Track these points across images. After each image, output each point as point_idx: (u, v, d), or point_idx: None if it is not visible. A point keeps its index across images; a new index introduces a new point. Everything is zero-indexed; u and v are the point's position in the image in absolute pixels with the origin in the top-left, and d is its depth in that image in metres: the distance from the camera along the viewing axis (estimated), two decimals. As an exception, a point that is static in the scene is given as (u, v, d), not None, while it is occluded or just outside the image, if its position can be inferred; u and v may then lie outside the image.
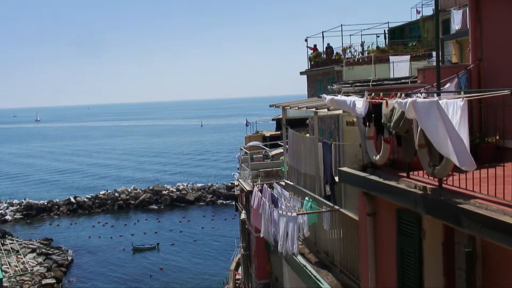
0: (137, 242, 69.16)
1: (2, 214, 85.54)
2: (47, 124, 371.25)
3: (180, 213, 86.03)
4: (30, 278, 54.34)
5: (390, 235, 8.58)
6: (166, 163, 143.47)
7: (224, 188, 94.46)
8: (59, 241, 72.27)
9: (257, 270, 30.16)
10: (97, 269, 61.41)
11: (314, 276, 11.28)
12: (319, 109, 12.62)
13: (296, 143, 14.27)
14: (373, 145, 9.11)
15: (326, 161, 12.55)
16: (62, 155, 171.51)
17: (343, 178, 9.96)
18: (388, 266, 8.75)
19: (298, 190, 14.02)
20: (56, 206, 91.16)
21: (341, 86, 13.51)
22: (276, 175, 29.73)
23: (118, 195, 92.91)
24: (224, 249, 63.99)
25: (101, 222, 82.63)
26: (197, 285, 55.35)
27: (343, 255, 11.11)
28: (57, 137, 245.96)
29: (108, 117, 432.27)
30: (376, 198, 8.91)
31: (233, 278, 42.16)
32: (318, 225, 12.33)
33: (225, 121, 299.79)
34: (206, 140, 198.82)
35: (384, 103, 7.99)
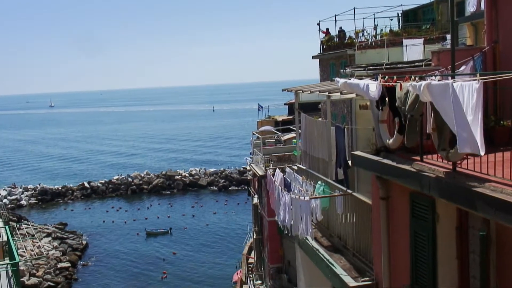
0: (150, 227, 69.75)
1: (17, 199, 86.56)
2: (60, 109, 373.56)
3: (193, 198, 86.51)
4: (45, 262, 55.11)
5: (403, 219, 8.56)
6: (178, 148, 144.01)
7: (236, 173, 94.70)
8: (73, 225, 73.12)
9: (269, 254, 30.31)
10: (111, 253, 62.09)
11: (327, 260, 11.30)
12: (332, 93, 12.54)
13: (309, 127, 14.22)
14: (387, 128, 9.05)
15: (339, 145, 12.50)
16: (75, 141, 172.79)
17: (356, 162, 9.93)
18: (401, 250, 8.74)
19: (310, 174, 14.00)
20: (70, 191, 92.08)
21: (354, 69, 13.40)
22: (288, 160, 29.73)
23: (131, 180, 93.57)
24: (236, 233, 64.35)
25: (114, 207, 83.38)
26: (210, 268, 55.79)
27: (356, 239, 11.11)
28: (70, 122, 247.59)
29: (121, 103, 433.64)
30: (389, 182, 8.87)
31: (246, 262, 42.41)
32: (331, 209, 12.33)
33: (237, 106, 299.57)
34: (219, 125, 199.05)
35: (398, 86, 7.93)
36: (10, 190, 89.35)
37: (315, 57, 30.13)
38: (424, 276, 7.97)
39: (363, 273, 10.37)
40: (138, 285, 52.65)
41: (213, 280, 52.55)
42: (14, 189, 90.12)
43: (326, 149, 12.99)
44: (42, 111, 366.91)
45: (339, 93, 11.94)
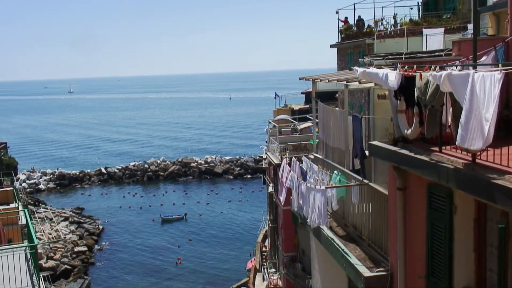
0: (165, 213, 70.29)
1: (36, 183, 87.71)
2: (79, 96, 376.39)
3: (208, 186, 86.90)
4: (63, 245, 55.88)
5: (420, 210, 8.50)
6: (194, 136, 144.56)
7: (252, 161, 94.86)
8: (90, 210, 73.96)
9: (284, 243, 30.37)
10: (127, 238, 62.77)
11: (342, 249, 11.28)
12: (350, 82, 12.45)
13: (326, 116, 14.15)
14: (405, 119, 8.97)
15: (356, 135, 12.43)
16: (93, 126, 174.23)
17: (373, 152, 9.86)
18: (417, 241, 8.69)
19: (327, 164, 13.96)
20: (88, 176, 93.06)
21: (372, 59, 13.29)
22: (304, 149, 29.67)
23: (147, 167, 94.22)
24: (251, 221, 64.60)
25: (131, 193, 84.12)
26: (224, 255, 56.11)
27: (372, 229, 11.06)
28: (88, 108, 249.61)
29: (138, 89, 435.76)
30: (407, 173, 8.80)
31: (260, 250, 42.58)
32: (347, 199, 12.29)
33: (253, 94, 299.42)
34: (235, 113, 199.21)
35: (418, 76, 7.84)
36: (29, 174, 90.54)
37: (333, 46, 29.93)
38: (440, 268, 7.92)
39: (378, 264, 10.34)
40: (153, 271, 53.20)
41: (227, 267, 52.89)
42: (33, 174, 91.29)
43: (343, 139, 12.93)
44: (61, 96, 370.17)
45: (357, 82, 11.85)
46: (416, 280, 8.71)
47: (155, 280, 50.93)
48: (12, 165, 69.99)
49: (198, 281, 50.18)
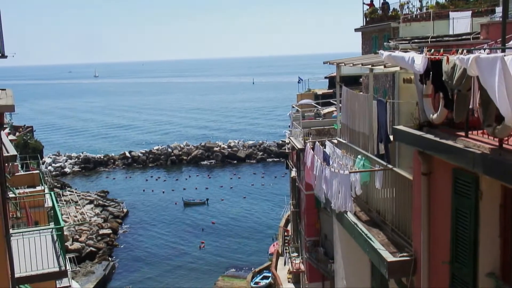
0: (188, 197, 70.89)
1: (61, 166, 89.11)
2: (104, 80, 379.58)
3: (231, 170, 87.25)
4: (88, 228, 56.83)
5: (445, 195, 8.42)
6: (217, 120, 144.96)
7: (275, 145, 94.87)
8: (114, 193, 74.96)
9: (306, 227, 30.42)
10: (150, 221, 63.54)
11: (365, 234, 11.25)
12: (375, 66, 12.32)
13: (350, 101, 14.04)
14: (431, 103, 8.86)
15: (380, 119, 12.32)
16: (117, 111, 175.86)
17: (398, 137, 9.78)
18: (442, 226, 8.62)
19: (350, 148, 13.88)
20: (112, 160, 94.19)
21: (398, 42, 13.13)
22: (327, 134, 29.56)
23: (171, 151, 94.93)
24: (273, 206, 64.81)
25: (154, 177, 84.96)
26: (247, 239, 56.46)
27: (395, 214, 11.00)
28: (113, 93, 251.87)
29: (162, 74, 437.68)
30: (432, 158, 8.72)
31: (283, 234, 42.77)
32: (370, 184, 12.23)
33: (276, 79, 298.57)
34: (258, 98, 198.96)
35: (445, 59, 7.72)
36: (54, 157, 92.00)
37: (358, 30, 29.62)
38: (464, 254, 7.87)
39: (401, 249, 10.29)
40: (177, 254, 53.84)
41: (249, 252, 53.24)
42: (58, 157, 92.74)
43: (367, 123, 12.83)
44: (85, 81, 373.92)
45: (382, 66, 11.72)
46: (439, 265, 8.67)
47: (178, 263, 51.56)
48: (38, 149, 71.07)
49: (221, 264, 50.65)
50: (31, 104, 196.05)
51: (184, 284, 47.18)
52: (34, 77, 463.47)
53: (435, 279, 8.97)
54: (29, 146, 69.12)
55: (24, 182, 25.55)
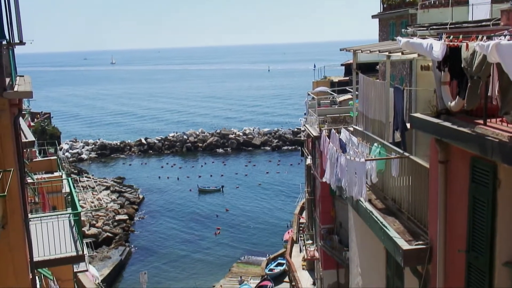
0: (203, 184, 71.19)
1: (78, 153, 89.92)
2: (120, 67, 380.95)
3: (246, 157, 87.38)
4: (104, 213, 57.40)
5: (462, 184, 8.36)
6: (233, 107, 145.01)
7: (290, 133, 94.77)
8: (130, 179, 75.56)
9: (321, 215, 30.39)
10: (166, 208, 64.00)
11: (380, 222, 11.22)
12: (392, 53, 12.20)
13: (366, 88, 13.94)
14: (448, 90, 8.77)
15: (397, 107, 12.22)
16: (134, 98, 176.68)
17: (415, 125, 9.70)
18: (458, 215, 8.56)
19: (366, 136, 13.81)
20: (128, 146, 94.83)
21: (416, 29, 12.98)
22: (343, 121, 29.40)
23: (186, 138, 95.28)
24: (288, 193, 64.88)
25: (169, 163, 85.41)
26: (262, 226, 56.67)
27: (411, 202, 10.95)
28: (129, 80, 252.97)
29: (177, 61, 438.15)
30: (449, 146, 8.64)
31: (297, 222, 42.79)
32: (386, 172, 12.17)
33: (292, 66, 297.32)
34: (273, 85, 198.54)
35: (464, 46, 7.62)
36: (71, 144, 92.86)
37: (375, 17, 29.31)
38: (481, 242, 7.81)
39: (417, 237, 10.25)
40: (192, 240, 54.24)
41: (264, 239, 53.46)
42: (75, 143, 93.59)
43: (383, 111, 12.74)
44: (102, 68, 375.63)
45: (399, 53, 11.60)
46: (455, 254, 8.62)
47: (194, 249, 51.96)
48: (56, 135, 71.86)
49: (236, 251, 50.94)
50: (48, 91, 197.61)
51: (199, 270, 47.59)
52: (50, 64, 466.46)
53: (451, 267, 8.93)
54: (46, 132, 69.90)
55: (42, 168, 25.86)
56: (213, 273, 46.74)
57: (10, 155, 11.24)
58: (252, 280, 42.73)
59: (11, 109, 11.54)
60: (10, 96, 10.97)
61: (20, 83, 12.92)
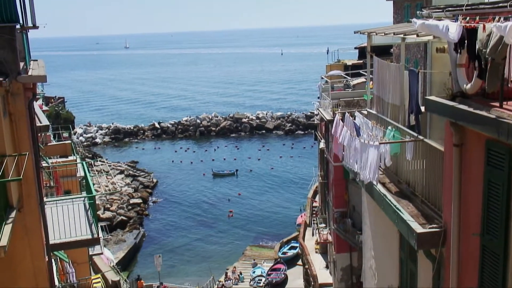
0: (216, 168, 71.39)
1: (92, 137, 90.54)
2: (134, 51, 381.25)
3: (259, 141, 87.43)
4: (118, 197, 57.90)
5: (477, 167, 8.29)
6: (245, 91, 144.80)
7: (303, 117, 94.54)
8: (144, 164, 76.02)
9: (334, 199, 30.40)
10: (179, 191, 64.39)
11: (394, 205, 11.18)
12: (407, 35, 12.06)
13: (381, 71, 13.82)
14: (464, 73, 8.65)
15: (412, 90, 12.10)
16: (147, 82, 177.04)
17: (430, 108, 9.60)
18: (473, 198, 8.51)
19: (380, 119, 13.72)
20: (142, 130, 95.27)
21: (431, 11, 12.78)
22: (356, 105, 29.22)
23: (199, 122, 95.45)
24: (301, 177, 64.90)
25: (183, 147, 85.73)
26: (275, 210, 56.85)
27: (425, 185, 10.89)
28: (142, 64, 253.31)
29: (190, 45, 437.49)
30: (464, 129, 8.55)
31: (310, 205, 42.85)
32: (400, 155, 12.10)
33: (305, 50, 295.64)
34: (286, 69, 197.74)
35: (481, 27, 7.50)
36: (85, 128, 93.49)
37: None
38: (496, 226, 7.76)
39: (431, 220, 10.21)
40: (205, 223, 54.58)
41: (277, 222, 53.66)
42: (89, 128, 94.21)
43: (398, 94, 12.63)
44: (115, 52, 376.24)
45: (414, 35, 11.46)
46: (470, 237, 8.58)
47: (207, 232, 52.33)
48: (70, 119, 72.38)
49: (249, 234, 51.22)
50: (62, 75, 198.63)
51: (212, 253, 47.96)
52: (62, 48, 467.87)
53: (465, 250, 8.89)
54: (60, 117, 70.39)
55: (56, 152, 26.07)
56: (226, 256, 47.09)
57: (25, 139, 11.33)
58: (266, 263, 42.99)
59: (26, 93, 11.61)
60: (24, 80, 11.03)
61: (34, 67, 12.99)
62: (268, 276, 39.49)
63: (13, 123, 11.06)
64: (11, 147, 10.81)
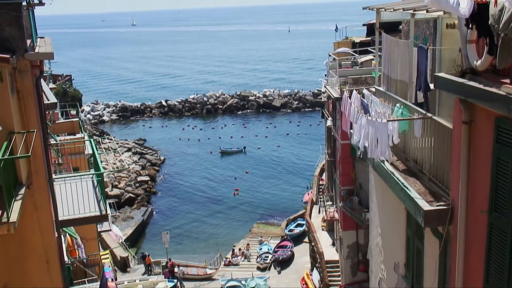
0: (224, 146, 71.50)
1: (99, 115, 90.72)
2: (140, 28, 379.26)
3: (266, 119, 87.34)
4: (126, 175, 58.23)
5: (486, 144, 8.23)
6: (252, 69, 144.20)
7: (310, 95, 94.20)
8: (151, 141, 76.25)
9: (341, 177, 30.43)
10: (187, 169, 64.65)
11: (401, 183, 11.17)
12: (417, 11, 11.91)
13: (390, 48, 13.68)
14: (475, 49, 8.54)
15: (420, 67, 11.99)
16: (153, 60, 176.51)
17: (439, 85, 9.51)
18: (481, 175, 8.47)
19: (389, 97, 13.63)
20: (149, 108, 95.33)
21: (441, -14, 12.58)
22: (364, 82, 29.06)
23: (206, 100, 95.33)
24: (308, 155, 64.93)
25: (190, 125, 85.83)
26: (281, 188, 57.00)
27: (433, 163, 10.85)
28: (149, 41, 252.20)
29: (197, 22, 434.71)
30: (474, 106, 8.48)
31: (317, 183, 42.94)
32: (408, 133, 12.04)
33: (313, 27, 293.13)
34: (293, 46, 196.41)
35: (493, 2, 7.37)
36: (93, 106, 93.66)
37: (399, -26, 28.51)
38: (504, 203, 7.74)
39: (438, 198, 10.19)
40: (211, 201, 54.87)
41: (284, 200, 53.85)
42: (96, 105, 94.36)
43: (406, 71, 12.52)
44: (122, 29, 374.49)
45: (424, 11, 11.31)
46: (477, 214, 8.57)
47: (214, 209, 52.62)
48: (77, 97, 72.40)
49: (255, 211, 51.48)
50: (68, 53, 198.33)
51: (219, 230, 48.29)
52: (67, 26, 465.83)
53: (472, 228, 8.89)
54: (68, 94, 70.45)
55: (64, 129, 26.19)
56: (233, 233, 47.41)
57: (33, 116, 11.35)
58: (272, 240, 43.27)
59: (33, 70, 11.61)
60: (31, 57, 11.01)
61: (41, 44, 12.96)
62: (275, 253, 39.78)
63: (21, 101, 11.08)
64: (19, 125, 10.84)
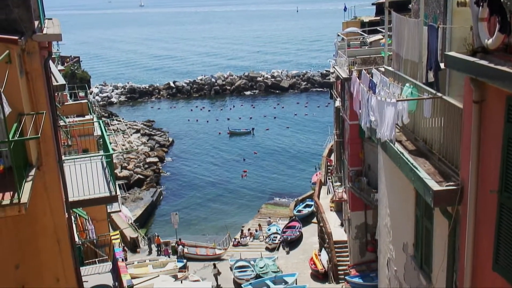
0: (232, 127, 71.50)
1: (108, 96, 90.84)
2: (149, 9, 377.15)
3: (274, 100, 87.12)
4: (135, 156, 58.46)
5: (497, 124, 8.16)
6: (260, 50, 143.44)
7: (318, 75, 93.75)
8: (160, 123, 76.37)
9: (350, 157, 30.40)
10: (195, 150, 64.80)
11: (410, 163, 11.12)
12: (427, -11, 11.77)
13: (399, 27, 13.54)
14: (486, 27, 8.43)
15: (431, 46, 11.86)
16: (161, 41, 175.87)
17: (449, 64, 9.41)
18: (491, 155, 8.42)
19: (398, 76, 13.52)
20: (157, 90, 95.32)
21: (452, -36, 12.40)
22: (373, 62, 28.85)
23: (214, 81, 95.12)
24: (317, 136, 64.87)
25: (198, 107, 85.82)
26: (290, 169, 57.04)
27: (443, 143, 10.78)
28: (156, 22, 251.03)
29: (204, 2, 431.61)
30: (485, 85, 8.39)
31: (326, 164, 42.94)
32: (417, 113, 11.96)
33: (321, 6, 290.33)
34: (302, 26, 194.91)
35: (505, -21, 7.25)
36: (101, 87, 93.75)
37: (408, -48, 28.10)
38: (514, 183, 7.70)
39: (448, 178, 10.15)
40: (219, 182, 55.04)
41: (292, 180, 53.93)
42: (105, 87, 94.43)
43: (416, 50, 12.40)
44: (129, 10, 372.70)
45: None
46: (487, 194, 8.53)
47: (223, 191, 52.83)
48: (86, 79, 72.47)
49: (264, 192, 51.63)
50: (76, 34, 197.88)
51: (227, 211, 48.53)
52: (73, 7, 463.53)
53: (482, 208, 8.86)
54: (76, 76, 70.51)
55: (73, 111, 26.23)
56: (242, 214, 47.63)
57: (42, 97, 11.37)
58: (281, 221, 43.46)
59: (41, 52, 11.59)
60: (39, 38, 10.99)
61: (48, 25, 12.92)
62: (283, 234, 39.98)
63: (29, 82, 11.09)
64: (28, 106, 10.87)
